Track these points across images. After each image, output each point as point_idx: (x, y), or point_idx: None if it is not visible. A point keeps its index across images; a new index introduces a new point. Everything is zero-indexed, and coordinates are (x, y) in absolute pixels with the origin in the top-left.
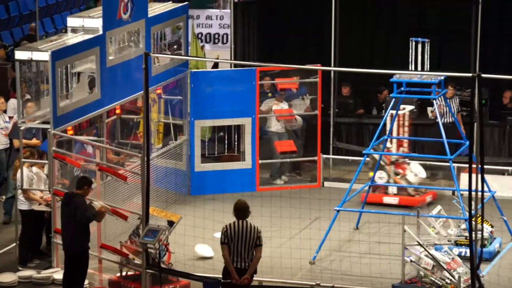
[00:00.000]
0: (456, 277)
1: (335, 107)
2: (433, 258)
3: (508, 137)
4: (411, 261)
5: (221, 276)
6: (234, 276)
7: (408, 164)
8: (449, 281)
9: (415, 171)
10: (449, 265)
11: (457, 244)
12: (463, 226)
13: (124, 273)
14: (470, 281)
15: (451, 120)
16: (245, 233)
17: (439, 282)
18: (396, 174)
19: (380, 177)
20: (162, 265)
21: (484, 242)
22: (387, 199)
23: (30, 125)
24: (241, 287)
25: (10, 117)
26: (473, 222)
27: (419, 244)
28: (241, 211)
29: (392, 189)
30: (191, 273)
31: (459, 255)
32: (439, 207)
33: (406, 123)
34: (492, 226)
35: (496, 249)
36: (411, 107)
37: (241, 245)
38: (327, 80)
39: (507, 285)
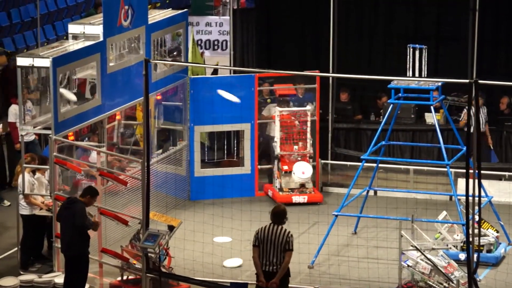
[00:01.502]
0: (455, 281)
1: (334, 113)
2: (431, 263)
3: (505, 143)
4: (408, 265)
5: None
6: (260, 279)
7: (297, 160)
8: (446, 285)
9: (302, 169)
10: (446, 269)
11: (463, 249)
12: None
13: (125, 277)
14: (467, 285)
15: (482, 129)
16: (276, 237)
17: (436, 286)
18: (280, 169)
19: (275, 170)
20: (163, 269)
21: (491, 247)
22: (296, 198)
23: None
24: None
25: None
26: (470, 227)
27: (416, 249)
28: (278, 216)
29: (276, 185)
30: (191, 277)
31: (466, 261)
32: (444, 213)
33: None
34: (497, 231)
35: (502, 254)
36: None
37: (271, 249)
38: (326, 86)
39: None
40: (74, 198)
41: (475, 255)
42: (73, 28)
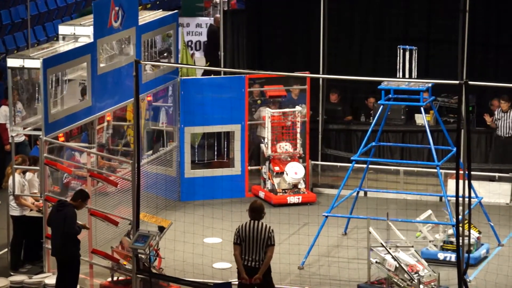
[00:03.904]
0: (416, 280)
1: (324, 114)
2: (396, 260)
3: (495, 144)
4: (376, 262)
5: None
6: (243, 276)
7: (288, 161)
8: (409, 283)
9: (295, 170)
10: (411, 267)
11: (442, 249)
12: (450, 231)
13: (115, 278)
14: (435, 283)
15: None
16: (257, 233)
17: (400, 284)
18: (271, 171)
19: (265, 171)
20: (153, 270)
21: (470, 248)
22: (291, 199)
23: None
24: (252, 287)
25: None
26: (460, 228)
27: (382, 246)
28: (256, 212)
29: (267, 186)
30: (181, 278)
31: (445, 260)
32: (429, 212)
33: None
34: (479, 232)
35: (483, 255)
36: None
37: (253, 245)
38: (316, 88)
39: None
40: (65, 201)
41: (466, 256)
42: (63, 29)
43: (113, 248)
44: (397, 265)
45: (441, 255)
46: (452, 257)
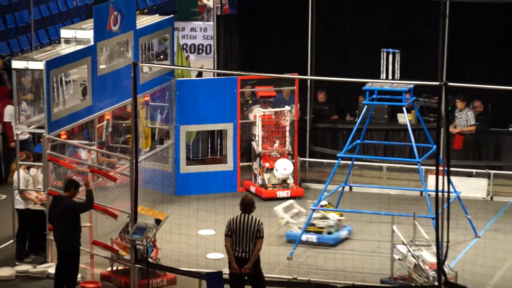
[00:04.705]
0: (431, 277)
1: (311, 113)
2: (415, 258)
3: (474, 142)
4: (398, 259)
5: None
6: (233, 266)
7: (277, 158)
8: (427, 280)
9: (284, 166)
10: (430, 265)
11: (307, 231)
12: (316, 214)
13: (115, 268)
14: (453, 280)
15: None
16: (247, 225)
17: (418, 280)
18: (262, 167)
19: (256, 167)
20: (150, 260)
21: (330, 229)
22: (280, 193)
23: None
24: (242, 276)
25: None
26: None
27: (404, 244)
28: (247, 206)
29: (257, 181)
30: (176, 267)
31: (307, 241)
32: (291, 201)
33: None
34: (341, 215)
35: (342, 236)
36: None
37: (243, 237)
38: (304, 88)
39: (470, 278)
40: (59, 195)
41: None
42: (65, 33)
43: (112, 239)
44: (416, 263)
45: (304, 237)
46: (314, 238)
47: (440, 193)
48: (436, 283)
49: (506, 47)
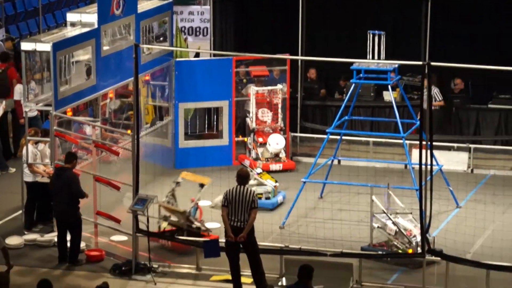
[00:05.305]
0: (414, 242)
1: (302, 91)
2: (396, 225)
3: (454, 117)
4: (378, 227)
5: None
6: (229, 234)
7: (270, 133)
8: (408, 246)
9: (276, 140)
10: (409, 232)
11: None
12: (253, 182)
13: (161, 229)
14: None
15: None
16: (243, 196)
17: (400, 246)
18: (255, 141)
19: (250, 142)
20: (195, 222)
21: (268, 195)
22: (273, 166)
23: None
24: (237, 244)
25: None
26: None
27: (384, 213)
28: (242, 178)
29: (251, 155)
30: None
31: None
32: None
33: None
34: (276, 182)
35: (279, 201)
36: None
37: (239, 207)
38: (295, 68)
39: (452, 246)
40: (62, 167)
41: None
42: (71, 17)
43: (160, 203)
44: (397, 230)
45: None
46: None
47: (423, 166)
48: (420, 249)
49: (487, 20)
